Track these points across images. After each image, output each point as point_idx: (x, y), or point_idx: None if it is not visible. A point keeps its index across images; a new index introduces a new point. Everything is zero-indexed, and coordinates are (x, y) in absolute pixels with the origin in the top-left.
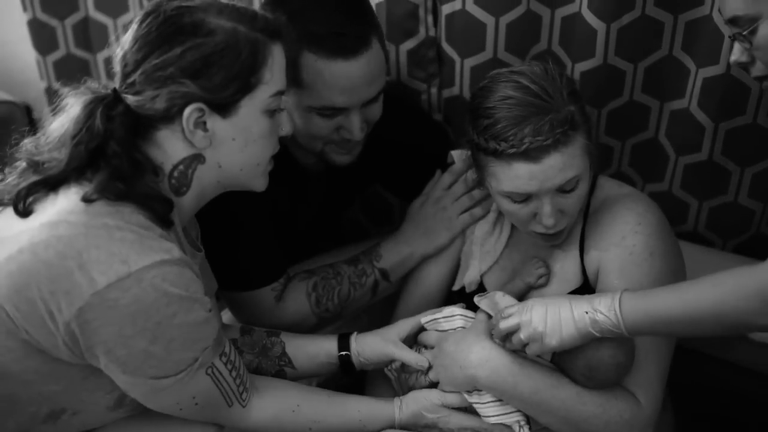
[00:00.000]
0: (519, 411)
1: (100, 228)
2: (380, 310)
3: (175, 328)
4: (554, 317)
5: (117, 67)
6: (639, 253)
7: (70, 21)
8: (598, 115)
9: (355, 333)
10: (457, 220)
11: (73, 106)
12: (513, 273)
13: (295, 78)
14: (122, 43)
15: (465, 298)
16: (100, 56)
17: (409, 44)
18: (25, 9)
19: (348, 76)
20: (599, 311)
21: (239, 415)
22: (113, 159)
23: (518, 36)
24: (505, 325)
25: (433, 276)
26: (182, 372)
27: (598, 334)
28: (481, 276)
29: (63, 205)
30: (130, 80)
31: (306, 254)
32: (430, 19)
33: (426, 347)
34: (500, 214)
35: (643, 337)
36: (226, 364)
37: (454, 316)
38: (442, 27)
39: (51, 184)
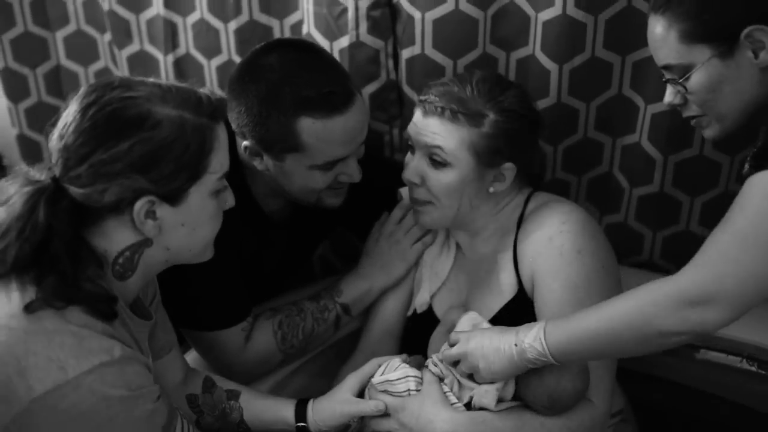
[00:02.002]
0: None
1: (38, 333)
2: (346, 344)
3: (118, 427)
4: (488, 351)
5: (56, 156)
6: (567, 252)
7: (42, 69)
8: (555, 151)
9: (311, 401)
10: (411, 251)
11: (13, 198)
12: (459, 294)
13: (293, 144)
14: (61, 133)
15: (416, 322)
16: None
17: (370, 88)
18: None
19: (347, 128)
20: (526, 342)
21: None
22: (57, 263)
23: None
24: (448, 353)
25: (391, 307)
26: None
27: (530, 365)
28: (431, 297)
29: (3, 306)
30: (74, 173)
31: (271, 294)
32: (390, 63)
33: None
34: (447, 237)
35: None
36: None
37: (408, 377)
38: (403, 71)
39: None
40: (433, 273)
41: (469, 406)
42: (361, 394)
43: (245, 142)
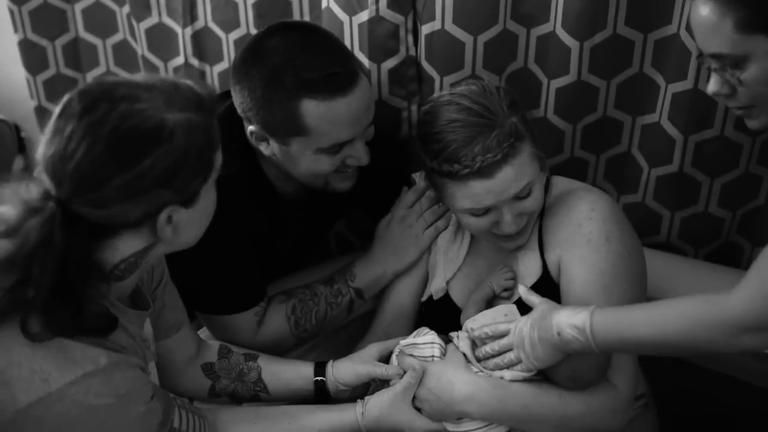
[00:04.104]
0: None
1: (22, 344)
2: (358, 327)
3: None
4: (532, 340)
5: (59, 177)
6: (596, 239)
7: (60, 41)
8: (573, 130)
9: (332, 361)
10: (424, 236)
11: (22, 231)
12: (477, 278)
13: (297, 127)
14: (64, 154)
15: (433, 307)
16: (89, 76)
17: (389, 63)
18: (15, 30)
19: (350, 110)
20: (571, 333)
21: None
22: (69, 293)
23: (495, 54)
24: (504, 343)
25: (404, 291)
26: None
27: (570, 351)
28: (447, 283)
29: None
30: (92, 196)
31: (286, 273)
32: (410, 38)
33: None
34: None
35: None
36: None
37: (434, 344)
38: (422, 46)
39: None
40: (448, 259)
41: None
42: (383, 361)
43: (251, 127)
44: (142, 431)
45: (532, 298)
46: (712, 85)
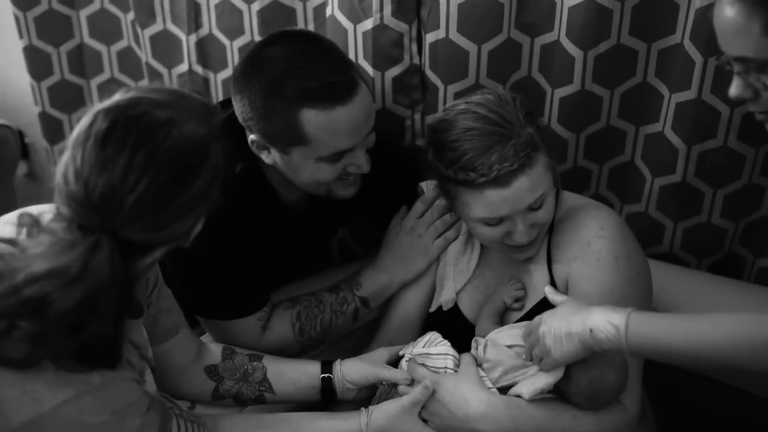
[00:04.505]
0: None
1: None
2: (363, 335)
3: None
4: (559, 334)
5: (111, 209)
6: (604, 257)
7: (65, 48)
8: (577, 139)
9: (339, 359)
10: (433, 246)
11: (93, 270)
12: (485, 290)
13: (298, 137)
14: (123, 188)
15: (441, 318)
16: (94, 82)
17: (393, 72)
18: (21, 36)
19: (350, 119)
20: (605, 331)
21: None
22: (120, 324)
23: (500, 63)
24: (529, 344)
25: (411, 301)
26: None
27: (598, 350)
28: (456, 294)
29: None
30: (149, 221)
31: (289, 280)
32: (414, 47)
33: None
34: (471, 234)
35: None
36: None
37: (447, 355)
38: (426, 55)
39: None
40: (458, 270)
41: (503, 392)
42: (391, 365)
43: (251, 136)
44: None
45: (557, 298)
46: (734, 89)
